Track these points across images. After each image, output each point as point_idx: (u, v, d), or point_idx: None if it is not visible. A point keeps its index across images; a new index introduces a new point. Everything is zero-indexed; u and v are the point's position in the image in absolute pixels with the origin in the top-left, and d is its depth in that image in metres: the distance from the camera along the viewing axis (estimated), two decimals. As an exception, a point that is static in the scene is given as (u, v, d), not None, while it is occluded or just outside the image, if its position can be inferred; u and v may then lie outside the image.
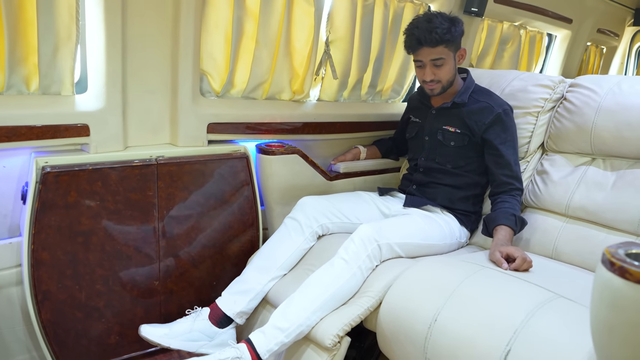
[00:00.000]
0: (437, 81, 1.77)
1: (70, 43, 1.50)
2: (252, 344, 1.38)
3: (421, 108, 1.97)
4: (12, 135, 1.44)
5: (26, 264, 1.49)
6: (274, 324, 1.41)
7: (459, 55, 1.80)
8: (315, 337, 1.40)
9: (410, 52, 1.79)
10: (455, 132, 1.82)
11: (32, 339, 1.62)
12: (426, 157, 1.90)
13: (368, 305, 1.42)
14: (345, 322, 1.39)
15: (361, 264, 1.47)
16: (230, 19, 1.76)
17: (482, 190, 1.89)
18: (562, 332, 1.08)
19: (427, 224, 1.71)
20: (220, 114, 1.83)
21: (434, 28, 1.67)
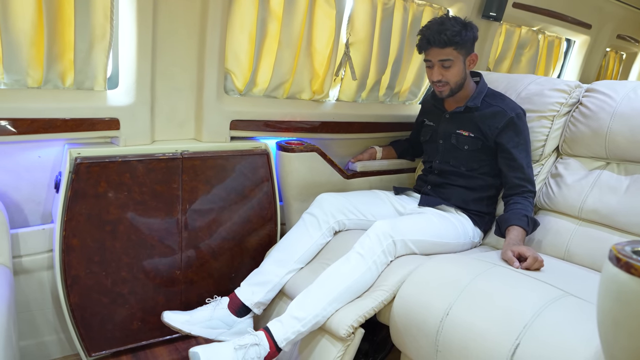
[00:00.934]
0: (445, 82, 1.80)
1: (104, 41, 1.58)
2: (270, 332, 1.43)
3: (435, 112, 2.01)
4: (49, 127, 1.52)
5: (57, 250, 1.57)
6: (291, 313, 1.46)
7: (469, 60, 1.82)
8: (330, 327, 1.45)
9: (421, 51, 1.83)
10: (469, 136, 1.86)
11: (60, 321, 1.70)
12: (440, 160, 1.95)
13: (382, 298, 1.47)
14: (360, 313, 1.44)
15: (376, 259, 1.52)
16: (255, 20, 1.83)
17: (495, 192, 1.92)
18: (571, 328, 1.12)
19: (441, 223, 1.75)
20: (242, 112, 1.90)
21: (445, 30, 1.72)
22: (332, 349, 1.45)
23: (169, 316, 1.59)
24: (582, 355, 1.04)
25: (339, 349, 1.43)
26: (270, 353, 1.41)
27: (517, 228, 1.63)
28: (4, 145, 1.55)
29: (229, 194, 1.85)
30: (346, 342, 1.43)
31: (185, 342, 1.88)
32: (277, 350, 1.42)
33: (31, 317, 1.66)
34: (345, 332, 1.41)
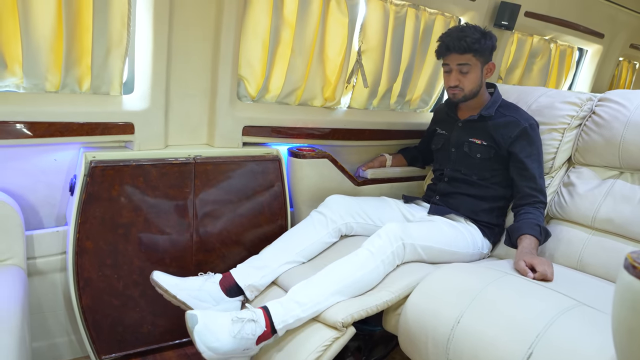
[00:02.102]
0: (461, 88, 1.82)
1: (121, 47, 1.61)
2: (269, 313, 1.38)
3: (448, 120, 2.02)
4: (65, 131, 1.55)
5: (71, 252, 1.58)
6: (293, 297, 1.42)
7: (486, 69, 1.84)
8: (326, 314, 1.41)
9: (440, 57, 1.85)
10: (482, 144, 1.86)
11: (72, 323, 1.72)
12: (452, 168, 1.94)
13: (387, 299, 1.45)
14: (362, 307, 1.41)
15: (385, 259, 1.50)
16: (268, 28, 1.85)
17: (505, 203, 1.91)
18: (584, 338, 1.11)
19: (451, 232, 1.74)
20: (255, 118, 1.92)
21: (464, 36, 1.75)
22: (321, 335, 1.39)
23: (158, 276, 1.54)
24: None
25: (327, 337, 1.38)
26: (265, 333, 1.36)
27: (530, 237, 1.62)
28: (22, 148, 1.58)
29: (241, 199, 1.86)
30: (338, 331, 1.39)
31: (194, 347, 1.87)
32: (272, 332, 1.38)
33: (43, 319, 1.68)
34: (342, 320, 1.37)
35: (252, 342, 1.35)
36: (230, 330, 1.32)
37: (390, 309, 1.52)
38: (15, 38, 1.44)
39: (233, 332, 1.32)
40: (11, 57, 1.47)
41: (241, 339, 1.32)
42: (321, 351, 1.35)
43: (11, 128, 1.47)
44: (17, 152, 1.58)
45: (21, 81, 1.50)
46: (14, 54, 1.46)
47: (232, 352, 1.32)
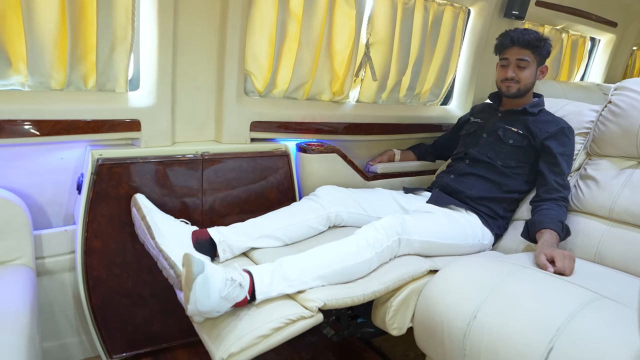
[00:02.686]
0: (517, 81, 1.86)
1: (126, 43, 1.59)
2: (253, 282, 1.29)
3: (487, 110, 2.04)
4: (71, 129, 1.53)
5: (79, 251, 1.57)
6: (280, 271, 1.33)
7: (540, 70, 1.89)
8: (307, 294, 1.31)
9: (500, 51, 1.91)
10: (517, 132, 1.87)
11: (82, 322, 1.71)
12: (478, 151, 1.91)
13: (375, 289, 1.37)
14: (348, 295, 1.33)
15: (380, 252, 1.45)
16: (275, 21, 1.82)
17: (518, 198, 1.87)
18: (608, 331, 1.06)
19: (449, 223, 1.69)
20: (262, 113, 1.89)
21: (528, 33, 1.83)
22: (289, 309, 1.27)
23: (141, 197, 1.53)
24: (621, 358, 0.99)
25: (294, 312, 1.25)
26: (244, 300, 1.27)
27: (551, 231, 1.57)
28: (28, 148, 1.57)
29: (249, 195, 1.84)
30: (309, 311, 1.26)
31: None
32: (251, 300, 1.28)
33: (53, 319, 1.66)
34: (315, 305, 1.26)
35: (226, 309, 1.25)
36: (220, 289, 1.22)
37: (379, 302, 1.47)
38: (19, 36, 1.43)
39: (223, 293, 1.22)
40: (15, 55, 1.46)
41: (224, 301, 1.23)
42: (284, 323, 1.22)
43: (17, 127, 1.45)
44: (24, 151, 1.57)
45: (26, 79, 1.49)
46: (18, 51, 1.45)
47: (210, 311, 1.21)
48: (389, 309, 1.43)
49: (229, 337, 1.19)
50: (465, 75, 2.50)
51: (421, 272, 1.47)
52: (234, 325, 1.22)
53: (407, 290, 1.44)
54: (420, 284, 1.46)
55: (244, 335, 1.18)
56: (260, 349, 1.18)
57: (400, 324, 1.45)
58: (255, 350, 1.17)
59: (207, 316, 1.25)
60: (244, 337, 1.17)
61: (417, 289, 1.44)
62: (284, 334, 1.21)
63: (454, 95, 2.57)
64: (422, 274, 1.47)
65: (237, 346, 1.15)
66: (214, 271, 1.22)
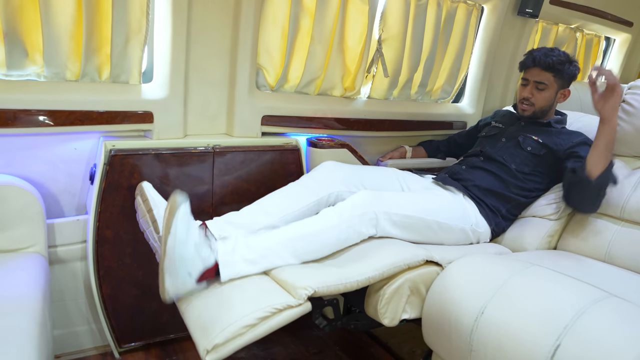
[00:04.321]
0: (532, 103, 1.85)
1: (140, 35, 1.60)
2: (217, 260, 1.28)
3: (509, 116, 2.01)
4: (85, 120, 1.55)
5: (91, 241, 1.59)
6: (246, 241, 1.33)
7: (561, 93, 1.87)
8: (295, 279, 1.27)
9: (522, 69, 1.89)
10: (537, 140, 1.84)
11: (92, 311, 1.73)
12: (495, 152, 1.88)
13: (369, 275, 1.32)
14: (340, 281, 1.28)
15: (350, 223, 1.39)
16: (288, 16, 1.83)
17: (525, 202, 1.83)
18: (615, 330, 1.06)
19: (438, 201, 1.65)
20: (274, 107, 1.90)
21: (552, 55, 1.80)
22: (276, 297, 1.23)
23: (147, 186, 1.47)
24: (629, 357, 0.98)
25: (281, 302, 1.21)
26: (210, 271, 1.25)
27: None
28: (42, 137, 1.59)
29: (259, 188, 1.84)
30: (297, 300, 1.21)
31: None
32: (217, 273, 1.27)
33: (64, 307, 1.69)
34: (305, 293, 1.21)
35: (198, 270, 1.23)
36: (196, 240, 1.21)
37: (372, 290, 1.42)
38: (36, 27, 1.45)
39: (197, 244, 1.21)
40: (32, 46, 1.48)
41: (197, 255, 1.21)
42: (270, 312, 1.18)
43: (32, 117, 1.48)
44: (38, 140, 1.59)
45: (42, 70, 1.51)
46: (34, 42, 1.47)
47: (182, 260, 1.18)
48: (382, 297, 1.38)
49: (214, 327, 1.15)
50: (477, 73, 2.49)
51: (417, 261, 1.41)
52: (219, 315, 1.19)
53: (401, 280, 1.39)
54: (415, 274, 1.41)
55: (229, 325, 1.14)
56: (246, 340, 1.14)
57: (392, 314, 1.40)
58: (241, 341, 1.14)
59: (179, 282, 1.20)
60: (228, 328, 1.13)
61: (411, 279, 1.40)
62: (270, 324, 1.18)
63: (465, 93, 2.56)
64: (418, 263, 1.42)
65: (222, 337, 1.12)
66: (192, 218, 1.22)
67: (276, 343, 1.91)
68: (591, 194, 1.61)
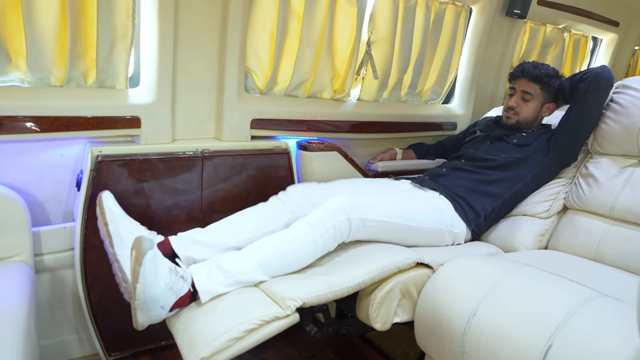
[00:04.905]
0: (516, 113, 1.90)
1: (126, 40, 1.58)
2: (193, 280, 1.29)
3: (493, 126, 2.03)
4: (71, 125, 1.53)
5: (78, 248, 1.57)
6: (219, 264, 1.32)
7: (547, 107, 1.91)
8: (282, 291, 1.25)
9: (511, 80, 1.95)
10: (521, 135, 1.88)
11: (80, 320, 1.70)
12: (479, 153, 1.88)
13: (359, 280, 1.31)
14: (329, 289, 1.26)
15: (324, 233, 1.36)
16: (276, 19, 1.82)
17: (512, 198, 1.82)
18: (607, 329, 1.06)
19: (412, 203, 1.62)
20: (263, 111, 1.89)
21: (540, 67, 1.86)
22: (262, 309, 1.21)
23: (107, 197, 1.44)
24: (620, 356, 0.98)
25: (267, 313, 1.19)
26: (184, 298, 1.25)
27: None
28: (27, 144, 1.57)
29: (250, 193, 1.83)
30: (283, 310, 1.20)
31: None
32: (192, 299, 1.28)
33: (52, 316, 1.66)
34: (296, 302, 1.20)
35: (171, 302, 1.23)
36: (166, 277, 1.21)
37: (363, 294, 1.41)
38: (19, 31, 1.43)
39: (168, 281, 1.21)
40: (15, 51, 1.45)
41: (169, 291, 1.21)
42: (257, 324, 1.17)
43: (16, 123, 1.45)
44: (23, 147, 1.56)
45: (26, 75, 1.48)
46: (18, 47, 1.45)
47: (154, 300, 1.19)
48: (373, 301, 1.37)
49: (200, 340, 1.15)
50: (466, 74, 2.50)
51: (407, 264, 1.41)
52: (206, 328, 1.19)
53: (392, 283, 1.38)
54: (406, 277, 1.40)
55: (215, 339, 1.14)
56: (233, 352, 1.13)
57: (384, 319, 1.40)
58: (227, 353, 1.13)
59: (152, 315, 1.22)
60: (214, 341, 1.13)
61: (402, 282, 1.40)
62: (257, 336, 1.17)
63: (455, 93, 2.56)
64: (409, 265, 1.41)
65: (208, 350, 1.12)
66: (161, 256, 1.22)
67: (268, 347, 1.89)
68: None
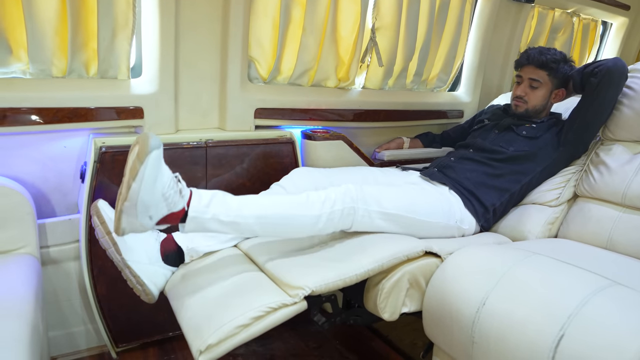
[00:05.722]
0: (525, 101, 1.84)
1: (127, 29, 1.56)
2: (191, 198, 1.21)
3: (501, 115, 1.97)
4: (73, 117, 1.51)
5: (83, 240, 1.56)
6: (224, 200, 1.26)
7: (555, 93, 1.85)
8: (290, 277, 1.23)
9: (518, 67, 1.88)
10: (531, 127, 1.82)
11: (87, 312, 1.70)
12: (487, 142, 1.84)
13: (369, 267, 1.28)
14: (338, 277, 1.24)
15: (330, 213, 1.33)
16: (278, 6, 1.79)
17: (521, 191, 1.79)
18: (621, 318, 1.03)
19: (421, 197, 1.57)
20: (267, 100, 1.86)
21: (547, 53, 1.79)
22: (269, 296, 1.19)
23: (102, 205, 1.36)
24: (635, 346, 0.96)
25: (274, 300, 1.17)
26: (174, 215, 1.18)
27: None
28: (30, 136, 1.56)
29: (254, 183, 1.81)
30: (291, 298, 1.18)
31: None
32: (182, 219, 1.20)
33: (59, 308, 1.66)
34: (305, 290, 1.17)
35: (161, 215, 1.16)
36: (164, 185, 1.13)
37: (371, 284, 1.38)
38: (19, 23, 1.41)
39: (165, 191, 1.14)
40: (16, 43, 1.44)
41: (163, 201, 1.14)
42: (264, 312, 1.15)
43: (19, 115, 1.44)
44: (26, 139, 1.55)
45: (27, 67, 1.47)
46: (18, 39, 1.43)
47: (145, 206, 1.11)
48: (381, 291, 1.35)
49: (207, 327, 1.12)
50: (473, 61, 2.45)
51: (416, 253, 1.38)
52: (213, 315, 1.17)
53: (400, 273, 1.36)
54: (414, 266, 1.38)
55: (223, 325, 1.11)
56: (240, 340, 1.12)
57: (392, 309, 1.38)
58: (234, 340, 1.11)
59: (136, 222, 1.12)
60: (222, 328, 1.11)
61: (410, 271, 1.37)
62: (265, 323, 1.15)
63: (462, 81, 2.53)
64: (417, 254, 1.38)
65: (215, 337, 1.09)
66: (164, 163, 1.15)
67: (275, 338, 1.89)
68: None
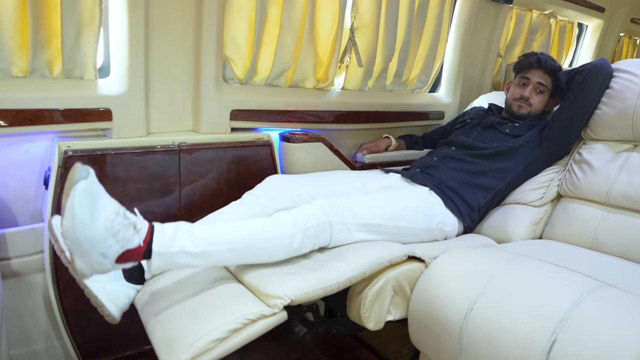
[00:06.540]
0: (529, 104, 1.84)
1: (93, 26, 1.48)
2: (152, 233, 1.11)
3: (484, 115, 1.96)
4: (35, 119, 1.42)
5: (48, 251, 1.47)
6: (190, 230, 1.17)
7: (552, 101, 1.87)
8: (267, 286, 1.17)
9: (521, 69, 1.87)
10: (514, 125, 1.82)
11: (53, 327, 1.60)
12: (470, 140, 1.80)
13: (350, 275, 1.22)
14: (319, 285, 1.17)
15: (306, 230, 1.26)
16: (254, 4, 1.73)
17: (502, 195, 1.77)
18: (615, 321, 1.00)
19: (400, 202, 1.52)
20: (243, 101, 1.80)
21: (554, 60, 1.83)
22: (247, 308, 1.13)
23: (56, 221, 1.20)
24: (631, 348, 0.92)
25: (252, 312, 1.10)
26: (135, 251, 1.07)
27: None
28: (-11, 140, 1.46)
29: (231, 188, 1.74)
30: (270, 308, 1.11)
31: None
32: (145, 256, 1.09)
33: (21, 324, 1.55)
34: (284, 300, 1.10)
35: (115, 253, 1.04)
36: (108, 218, 1.01)
37: (354, 293, 1.33)
38: (-26, 18, 1.32)
39: (110, 224, 1.01)
40: (-29, 39, 1.34)
41: (112, 237, 1.02)
42: (242, 324, 1.08)
43: (-25, 117, 1.34)
44: (-16, 143, 1.46)
45: (-17, 66, 1.38)
46: (-27, 35, 1.34)
47: (91, 243, 1.00)
48: (364, 300, 1.29)
49: (181, 342, 1.05)
50: (453, 62, 2.43)
51: (399, 257, 1.33)
52: (186, 329, 1.09)
53: (384, 280, 1.30)
54: (398, 272, 1.33)
55: (197, 339, 1.04)
56: (216, 354, 1.05)
57: (376, 318, 1.32)
58: (210, 356, 1.04)
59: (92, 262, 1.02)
60: (196, 342, 1.03)
61: (394, 277, 1.32)
62: (243, 336, 1.08)
63: (442, 82, 2.50)
64: (400, 259, 1.33)
65: (190, 353, 1.02)
66: (105, 195, 1.04)
67: (255, 350, 1.81)
68: None
